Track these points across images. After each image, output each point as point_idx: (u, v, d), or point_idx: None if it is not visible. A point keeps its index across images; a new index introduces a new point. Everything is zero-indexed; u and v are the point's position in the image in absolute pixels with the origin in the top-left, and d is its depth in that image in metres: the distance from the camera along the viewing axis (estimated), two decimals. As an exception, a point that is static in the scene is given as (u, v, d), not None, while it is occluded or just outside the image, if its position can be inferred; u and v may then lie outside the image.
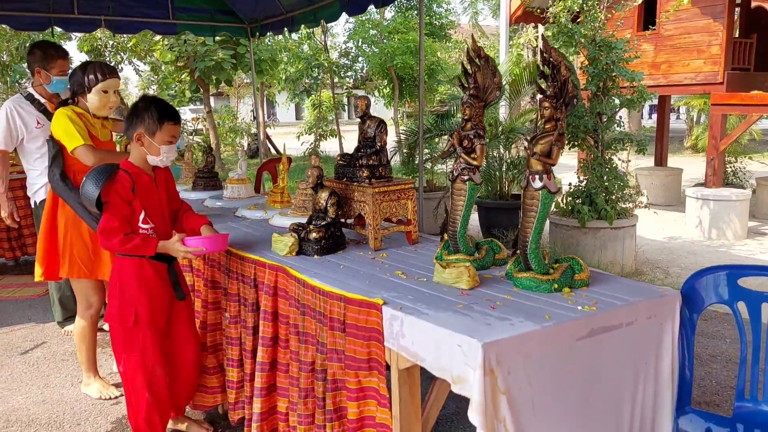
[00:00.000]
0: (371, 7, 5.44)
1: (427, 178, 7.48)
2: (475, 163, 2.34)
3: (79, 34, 13.61)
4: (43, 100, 3.74)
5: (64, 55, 3.66)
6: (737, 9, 7.39)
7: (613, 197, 5.36)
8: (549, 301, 2.00)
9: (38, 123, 3.71)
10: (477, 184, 2.37)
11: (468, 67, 2.38)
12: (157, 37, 13.50)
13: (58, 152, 3.16)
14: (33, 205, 3.84)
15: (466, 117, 2.37)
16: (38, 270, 3.27)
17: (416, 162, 7.01)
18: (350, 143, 19.18)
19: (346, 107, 21.68)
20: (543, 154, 2.06)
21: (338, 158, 3.00)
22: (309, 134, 17.87)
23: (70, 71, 3.35)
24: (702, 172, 11.96)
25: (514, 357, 1.71)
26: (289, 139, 21.66)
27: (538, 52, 11.86)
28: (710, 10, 7.01)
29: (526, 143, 2.15)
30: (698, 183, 9.18)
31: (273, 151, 18.21)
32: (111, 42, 14.36)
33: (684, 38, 7.34)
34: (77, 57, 50.87)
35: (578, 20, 5.47)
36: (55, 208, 3.21)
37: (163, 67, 15.03)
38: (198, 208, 3.87)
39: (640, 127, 16.43)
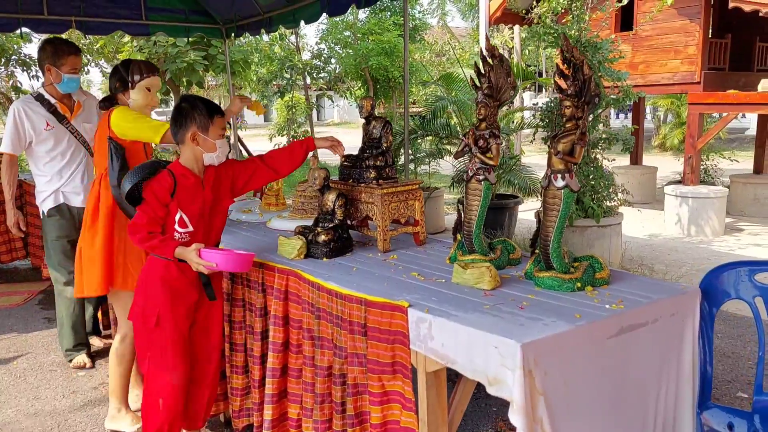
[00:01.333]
0: (345, 8, 5.32)
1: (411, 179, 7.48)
2: (491, 162, 2.33)
3: (41, 36, 13.24)
4: (53, 101, 3.48)
5: (76, 51, 3.42)
6: (712, 9, 7.55)
7: (599, 196, 5.43)
8: (575, 300, 2.00)
9: (48, 125, 3.46)
10: (492, 183, 2.36)
11: (481, 66, 2.37)
12: (126, 39, 13.23)
13: (125, 157, 2.84)
14: (41, 215, 3.62)
15: (480, 117, 2.36)
16: (91, 287, 2.95)
17: (400, 163, 6.99)
18: (324, 145, 19.11)
19: (321, 108, 21.56)
20: (565, 153, 2.06)
21: (343, 159, 2.96)
22: (281, 136, 17.71)
23: (101, 70, 3.13)
24: (671, 169, 12.26)
25: (550, 357, 1.70)
26: (260, 141, 21.48)
27: (515, 53, 11.93)
28: (686, 11, 7.16)
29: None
30: (672, 181, 9.37)
31: (245, 153, 17.99)
32: (77, 43, 14.02)
33: (661, 39, 7.49)
34: (38, 59, 49.29)
35: (563, 21, 5.52)
36: (111, 218, 2.94)
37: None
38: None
39: (608, 127, 16.69)
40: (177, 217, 2.45)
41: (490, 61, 2.34)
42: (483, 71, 2.36)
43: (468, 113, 6.82)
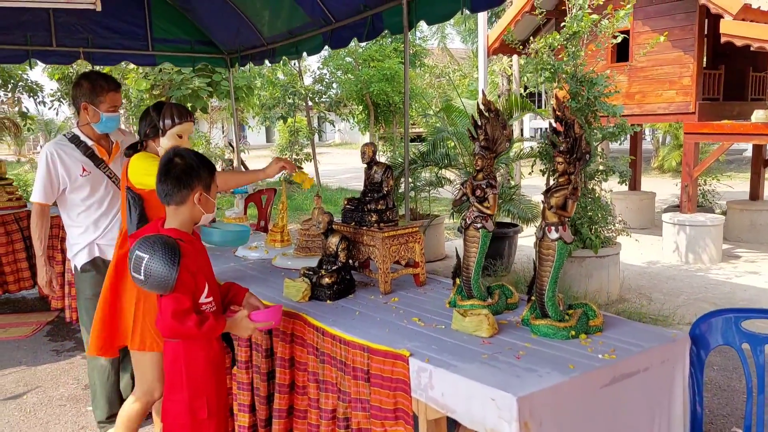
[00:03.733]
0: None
1: (411, 207, 7.59)
2: (488, 211, 2.43)
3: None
4: (90, 143, 3.13)
5: (116, 87, 3.12)
6: (705, 41, 7.71)
7: (597, 226, 5.52)
8: (569, 349, 2.08)
9: (84, 170, 3.12)
10: (489, 231, 2.46)
11: (478, 119, 2.48)
12: (132, 65, 13.45)
13: (143, 208, 2.72)
14: (74, 270, 3.30)
15: (477, 168, 2.47)
16: (93, 344, 2.84)
17: (400, 191, 7.10)
18: (326, 167, 19.22)
19: (323, 131, 21.72)
20: (558, 207, 2.16)
21: (345, 202, 3.07)
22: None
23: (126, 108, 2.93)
24: (670, 193, 12.38)
25: (545, 408, 1.79)
26: (263, 162, 21.61)
27: (513, 81, 12.05)
28: (680, 43, 7.33)
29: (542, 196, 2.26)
30: (671, 206, 9.47)
31: (248, 176, 18.09)
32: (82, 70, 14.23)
33: (656, 70, 7.65)
34: (48, 85, 49.82)
35: (559, 56, 5.67)
36: (121, 272, 2.79)
37: (132, 93, 14.88)
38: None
39: (606, 157, 16.83)
40: (206, 288, 2.24)
41: (486, 114, 2.46)
42: (480, 123, 2.47)
43: (467, 143, 6.94)
